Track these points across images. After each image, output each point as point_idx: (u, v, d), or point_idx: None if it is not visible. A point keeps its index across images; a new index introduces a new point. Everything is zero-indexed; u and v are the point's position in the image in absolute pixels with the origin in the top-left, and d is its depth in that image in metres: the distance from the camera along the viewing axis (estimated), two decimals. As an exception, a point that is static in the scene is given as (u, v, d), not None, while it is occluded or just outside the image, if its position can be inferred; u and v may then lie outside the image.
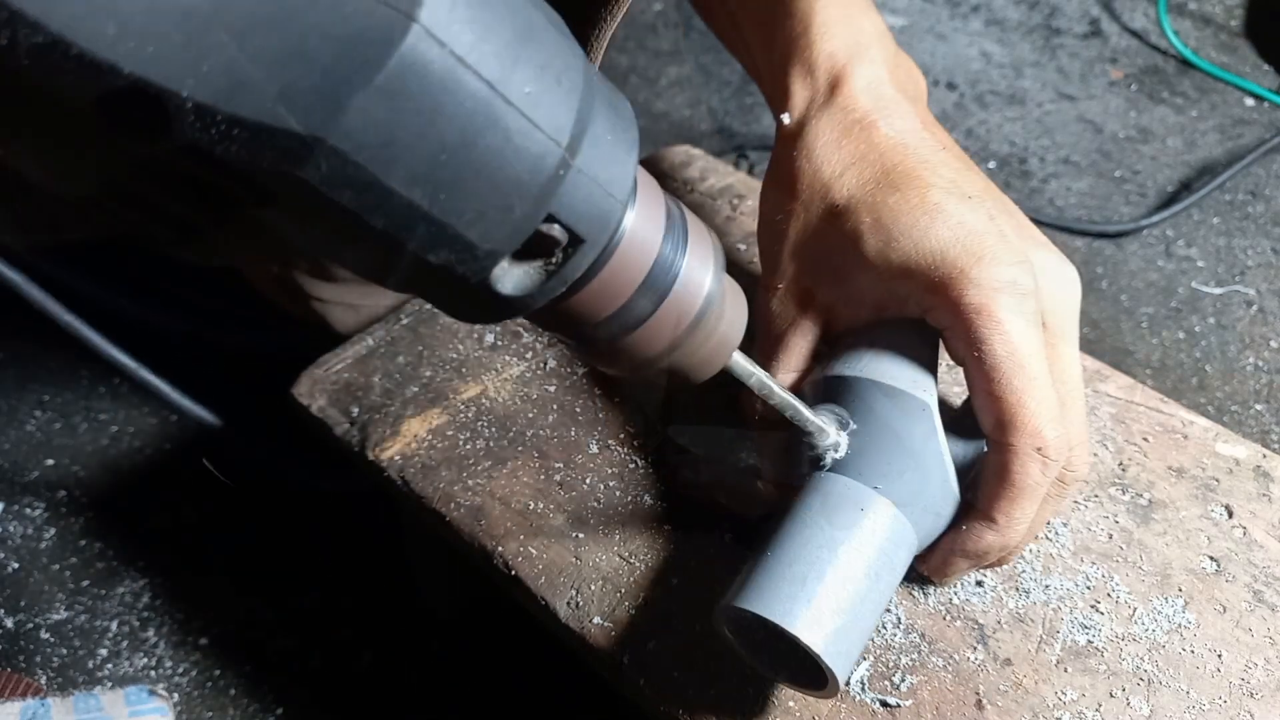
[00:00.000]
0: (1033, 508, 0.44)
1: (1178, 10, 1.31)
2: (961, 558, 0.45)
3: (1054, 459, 0.42)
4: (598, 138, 0.31)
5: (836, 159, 0.48)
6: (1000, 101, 1.19)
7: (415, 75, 0.26)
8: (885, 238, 0.45)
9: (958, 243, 0.43)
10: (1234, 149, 1.11)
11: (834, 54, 0.49)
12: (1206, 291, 0.96)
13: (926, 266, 0.44)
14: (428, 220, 0.28)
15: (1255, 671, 0.46)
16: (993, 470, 0.43)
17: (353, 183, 0.27)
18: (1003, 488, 0.43)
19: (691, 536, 0.52)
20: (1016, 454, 0.42)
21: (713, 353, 0.38)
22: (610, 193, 0.31)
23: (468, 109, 0.27)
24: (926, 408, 0.44)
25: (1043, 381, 0.42)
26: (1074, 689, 0.46)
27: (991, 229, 0.44)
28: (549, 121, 0.29)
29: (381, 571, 0.74)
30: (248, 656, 0.70)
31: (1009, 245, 0.44)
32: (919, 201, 0.45)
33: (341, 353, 0.62)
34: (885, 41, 0.51)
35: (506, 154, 0.28)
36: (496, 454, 0.56)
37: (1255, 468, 0.55)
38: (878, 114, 0.48)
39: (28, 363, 0.90)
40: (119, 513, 0.79)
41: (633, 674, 0.48)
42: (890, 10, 1.33)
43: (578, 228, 0.31)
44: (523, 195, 0.29)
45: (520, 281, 0.32)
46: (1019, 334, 0.42)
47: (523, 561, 0.52)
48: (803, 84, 0.50)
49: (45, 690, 0.67)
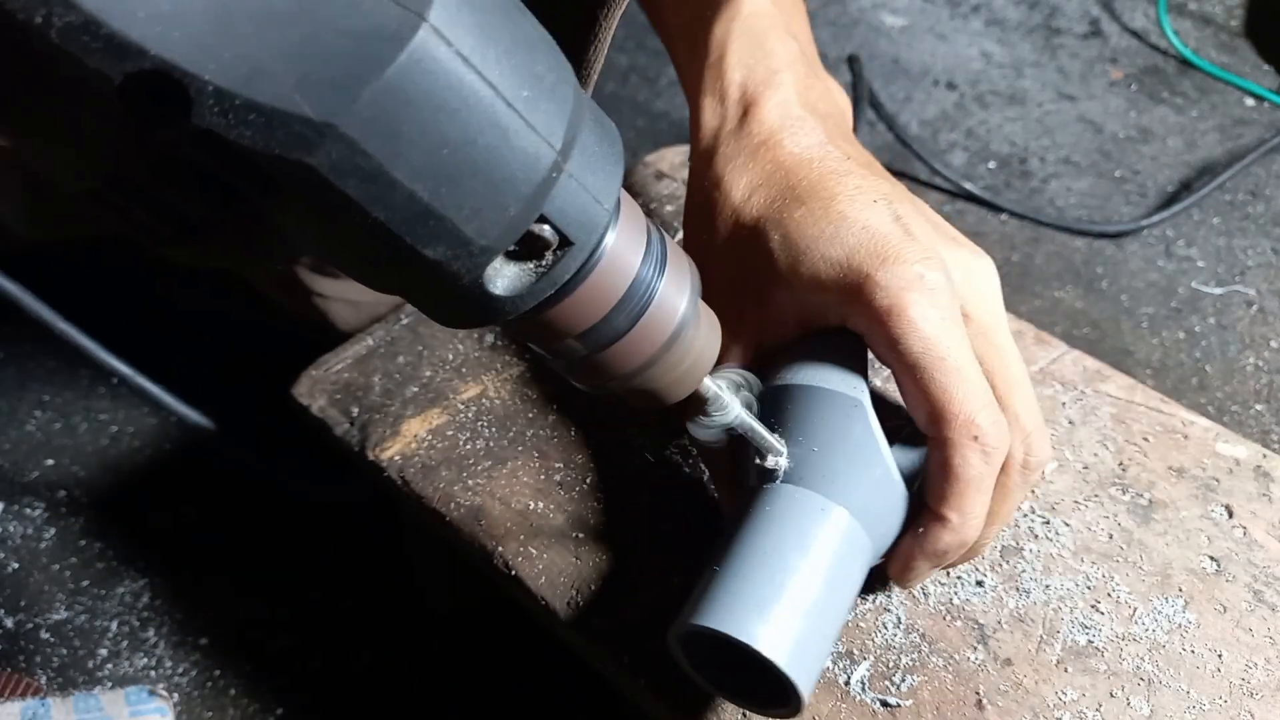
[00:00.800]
0: (982, 499, 0.43)
1: (1178, 10, 1.31)
2: (922, 559, 0.45)
3: (993, 445, 0.42)
4: (587, 148, 0.32)
5: (744, 182, 0.48)
6: (1000, 101, 1.19)
7: (423, 71, 0.27)
8: (794, 253, 0.45)
9: (862, 248, 0.44)
10: (1234, 149, 1.11)
11: (744, 82, 0.50)
12: (1206, 291, 0.96)
13: (836, 276, 0.44)
14: (428, 213, 0.29)
15: (1255, 671, 0.46)
16: (935, 467, 0.43)
17: (359, 171, 0.28)
18: (947, 483, 0.43)
19: (692, 536, 0.52)
20: (953, 446, 0.42)
21: (684, 375, 0.39)
22: (598, 200, 0.33)
23: (470, 107, 0.29)
24: (859, 404, 0.44)
25: (967, 371, 0.42)
26: (1074, 689, 0.46)
27: (895, 230, 0.44)
28: (544, 126, 0.30)
29: (381, 571, 0.74)
30: (248, 656, 0.70)
31: (914, 243, 0.44)
32: (823, 213, 0.45)
33: (341, 353, 0.62)
34: (797, 66, 0.51)
35: (504, 153, 0.30)
36: (496, 454, 0.56)
37: (1255, 468, 0.55)
38: (783, 133, 0.48)
39: (27, 363, 0.90)
40: (119, 513, 0.79)
41: (633, 674, 0.48)
42: (890, 10, 1.34)
43: (568, 230, 0.32)
44: (518, 194, 0.30)
45: (511, 282, 0.33)
46: (933, 327, 0.42)
47: (523, 561, 0.52)
48: (713, 112, 0.50)
49: (45, 690, 0.67)
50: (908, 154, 1.06)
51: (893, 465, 0.44)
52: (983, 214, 1.03)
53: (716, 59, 0.51)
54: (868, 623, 0.49)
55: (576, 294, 0.34)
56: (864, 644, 0.48)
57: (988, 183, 1.08)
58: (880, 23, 1.32)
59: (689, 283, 0.38)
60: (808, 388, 0.44)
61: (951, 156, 1.11)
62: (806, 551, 0.41)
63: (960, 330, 0.43)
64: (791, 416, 0.44)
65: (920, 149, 1.04)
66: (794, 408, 0.44)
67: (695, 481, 0.55)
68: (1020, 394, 0.45)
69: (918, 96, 1.20)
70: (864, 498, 0.43)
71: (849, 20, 1.32)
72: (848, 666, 0.47)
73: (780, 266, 0.46)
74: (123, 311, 0.89)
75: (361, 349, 0.62)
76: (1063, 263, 0.99)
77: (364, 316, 0.76)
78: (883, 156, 0.58)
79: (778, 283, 0.46)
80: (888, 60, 1.25)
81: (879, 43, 1.28)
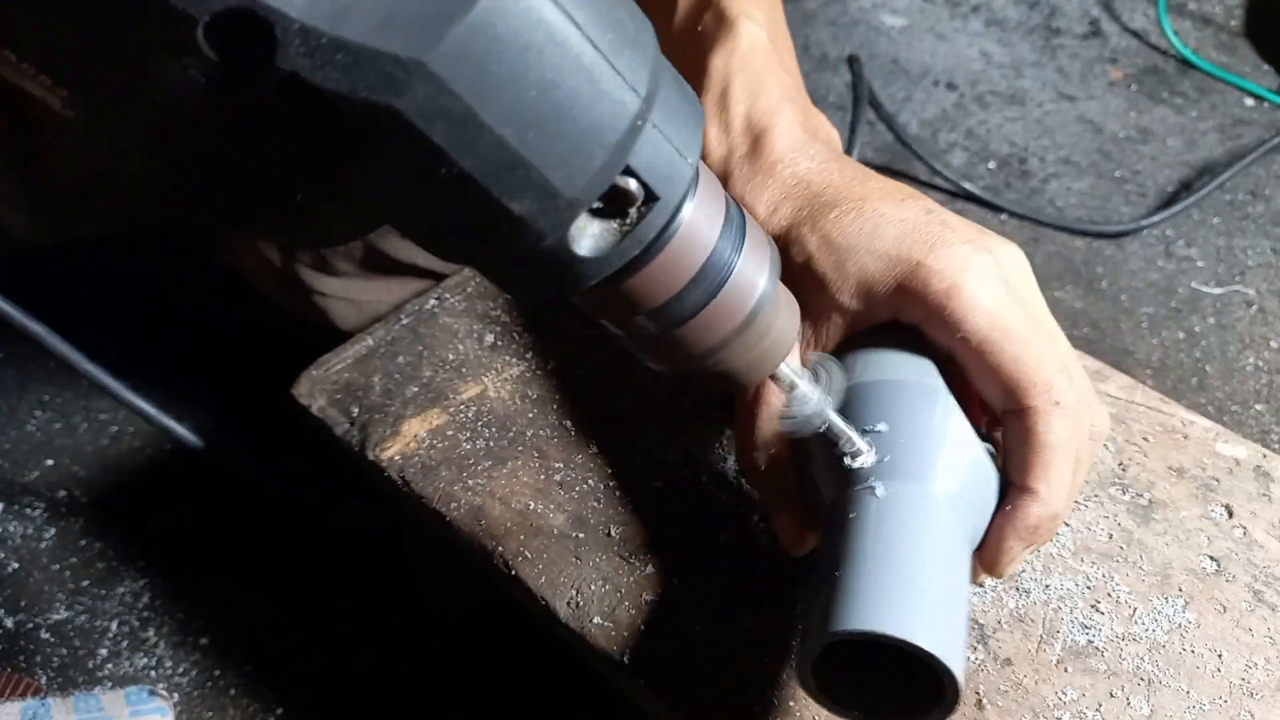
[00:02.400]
0: (1069, 467, 0.42)
1: (1178, 10, 1.31)
2: (1014, 540, 0.43)
3: (1076, 408, 0.42)
4: (669, 100, 0.31)
5: (766, 198, 0.48)
6: (1000, 101, 1.19)
7: (511, 9, 0.27)
8: (838, 253, 0.45)
9: (906, 238, 0.44)
10: (1234, 149, 1.11)
11: (749, 114, 0.51)
12: (1206, 291, 0.96)
13: (885, 269, 0.44)
14: (515, 161, 0.28)
15: (1255, 671, 0.46)
16: (1018, 440, 0.42)
17: (447, 114, 0.27)
18: (1034, 453, 0.42)
19: (692, 536, 0.52)
20: (1037, 413, 0.42)
21: (762, 357, 0.37)
22: (682, 154, 0.32)
23: (557, 47, 0.28)
24: (937, 390, 0.43)
25: (1034, 339, 0.42)
26: (1074, 689, 0.46)
27: (933, 220, 0.45)
28: (630, 72, 0.29)
29: (381, 571, 0.74)
30: (248, 656, 0.70)
31: (954, 230, 0.44)
32: (857, 213, 0.45)
33: (341, 353, 0.62)
34: (796, 100, 0.52)
35: (591, 97, 0.29)
36: (496, 454, 0.56)
37: (1255, 468, 0.55)
38: (796, 153, 0.49)
39: (27, 363, 0.90)
40: (119, 513, 0.79)
41: (633, 674, 0.48)
42: (890, 10, 1.34)
43: (653, 183, 0.31)
44: (604, 142, 0.29)
45: (596, 241, 0.32)
46: (993, 301, 0.42)
47: (523, 561, 0.52)
48: (720, 141, 0.51)
49: (45, 690, 0.67)
50: (908, 154, 1.06)
51: (980, 448, 0.43)
52: (983, 214, 1.03)
53: (720, 92, 0.51)
54: (868, 623, 0.49)
55: (654, 264, 0.33)
56: (864, 644, 0.48)
57: (987, 183, 1.08)
58: (880, 23, 1.32)
59: (768, 259, 0.37)
60: (880, 383, 0.44)
61: (951, 156, 1.11)
62: (926, 547, 0.39)
63: (1016, 303, 0.43)
64: (869, 415, 0.43)
65: (920, 149, 1.04)
66: (870, 405, 0.43)
67: (696, 482, 0.55)
68: (1073, 362, 0.44)
69: (918, 96, 1.20)
70: (962, 484, 0.42)
71: (849, 20, 1.32)
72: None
73: (822, 270, 0.46)
74: (123, 311, 0.90)
75: (361, 349, 0.62)
76: (1062, 263, 0.99)
77: (365, 316, 0.76)
78: (883, 156, 0.58)
79: (821, 288, 0.46)
80: (887, 60, 1.25)
81: (879, 43, 1.28)
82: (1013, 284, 0.45)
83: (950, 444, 0.43)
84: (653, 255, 0.33)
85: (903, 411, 0.43)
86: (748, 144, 0.50)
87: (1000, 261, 0.45)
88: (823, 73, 1.24)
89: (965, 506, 0.42)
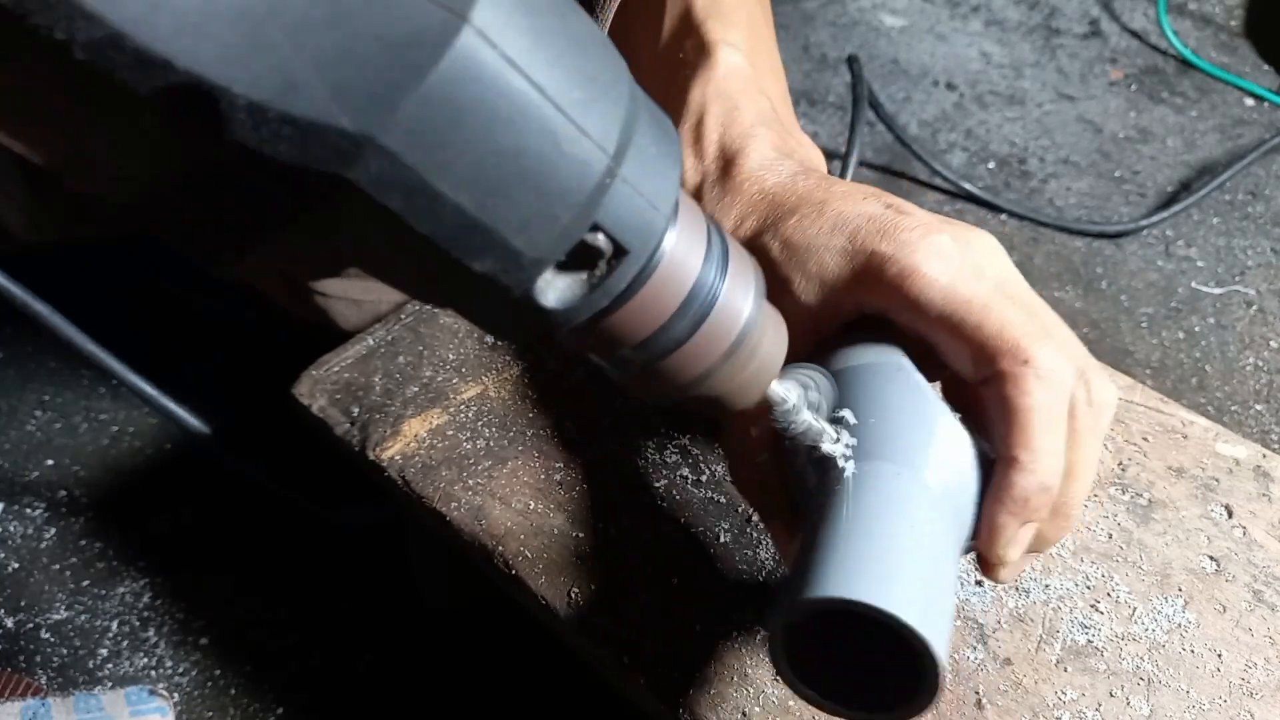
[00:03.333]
0: (1051, 434, 0.41)
1: (1178, 10, 1.31)
2: (1004, 515, 0.41)
3: (1048, 368, 0.41)
4: (642, 150, 0.31)
5: (733, 214, 0.49)
6: (1000, 102, 1.19)
7: (467, 77, 0.26)
8: (797, 255, 0.45)
9: (862, 230, 0.44)
10: (1234, 149, 1.11)
11: (720, 141, 0.51)
12: (1206, 291, 0.96)
13: (842, 263, 0.44)
14: (474, 226, 0.28)
15: (1255, 671, 0.46)
16: (994, 409, 0.42)
17: (401, 185, 0.26)
18: (1009, 418, 0.41)
19: (691, 536, 0.52)
20: (1007, 378, 0.41)
21: (750, 380, 0.37)
22: (654, 205, 0.31)
23: (518, 112, 0.27)
24: (900, 366, 0.43)
25: (996, 303, 0.41)
26: (1074, 689, 0.46)
27: (891, 211, 0.45)
28: (597, 130, 0.29)
29: (381, 571, 0.74)
30: (248, 656, 0.70)
31: (911, 216, 0.44)
32: (817, 214, 0.46)
33: (342, 353, 0.62)
34: (771, 124, 0.52)
35: (555, 159, 0.28)
36: (496, 454, 0.56)
37: (1255, 468, 0.55)
38: (764, 171, 0.49)
39: (28, 363, 0.90)
40: (119, 513, 0.79)
41: (633, 674, 0.48)
42: (890, 10, 1.34)
43: (622, 238, 0.31)
44: (569, 203, 0.29)
45: (563, 294, 0.31)
46: (949, 275, 0.42)
47: (523, 561, 0.52)
48: (694, 170, 0.51)
49: (45, 690, 0.67)
50: (907, 154, 1.06)
51: (950, 414, 0.42)
52: (982, 214, 1.03)
53: (695, 121, 0.52)
54: (868, 622, 0.49)
55: (633, 302, 0.33)
56: (864, 644, 0.48)
57: (987, 183, 1.08)
58: (880, 23, 1.32)
59: (753, 282, 0.36)
60: (845, 369, 0.44)
61: (951, 157, 1.11)
62: (899, 518, 0.38)
63: (977, 278, 0.43)
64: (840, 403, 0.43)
65: (920, 149, 1.04)
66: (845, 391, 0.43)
67: (696, 482, 0.55)
68: (1060, 331, 0.43)
69: (917, 97, 1.20)
70: (935, 457, 0.41)
71: (849, 20, 1.32)
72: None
73: (785, 274, 0.46)
74: (123, 311, 0.90)
75: (362, 349, 0.63)
76: (1062, 263, 0.99)
77: (366, 316, 0.76)
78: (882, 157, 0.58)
79: (785, 291, 0.46)
80: (887, 60, 1.25)
81: (879, 43, 1.28)
82: (981, 264, 0.44)
83: (918, 416, 0.42)
84: (628, 298, 0.33)
85: (869, 393, 0.43)
86: (719, 168, 0.51)
87: (963, 242, 0.44)
88: (823, 73, 1.24)
89: (941, 484, 0.40)
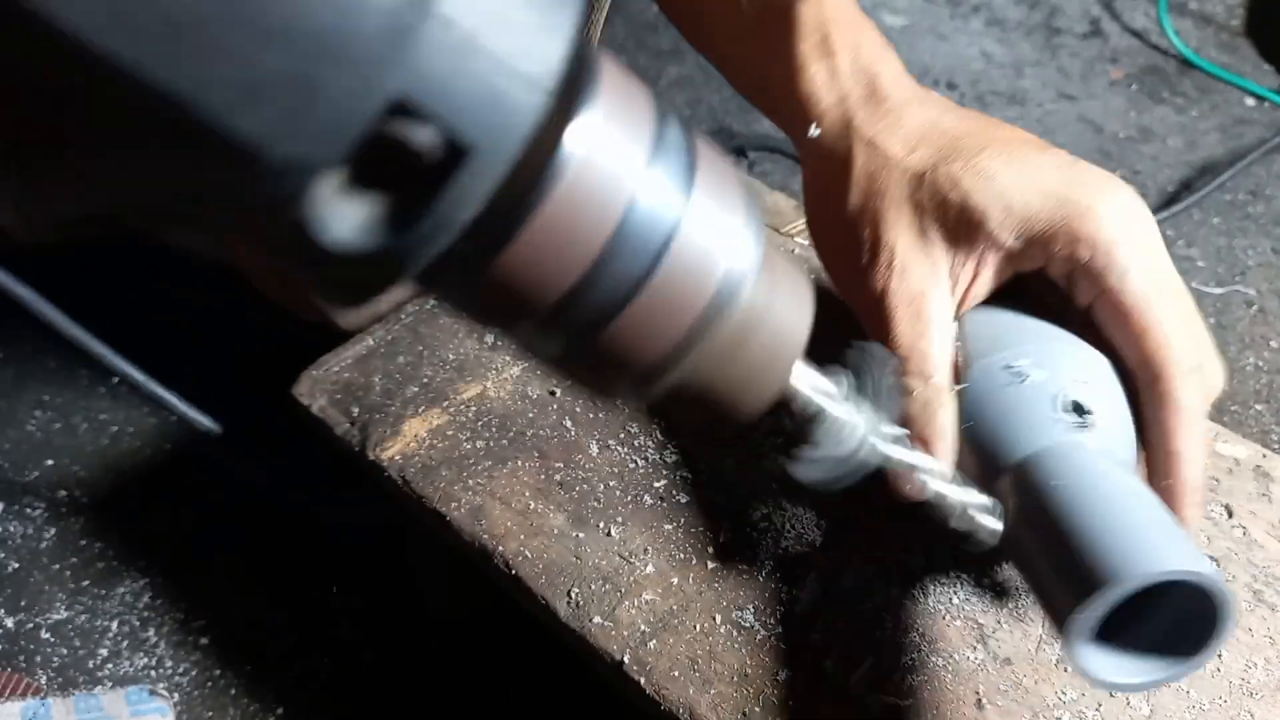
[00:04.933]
0: (1201, 433, 0.43)
1: (1178, 10, 1.31)
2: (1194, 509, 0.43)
3: (1203, 370, 0.42)
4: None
5: (901, 136, 0.48)
6: (1000, 101, 1.19)
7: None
8: (997, 189, 0.45)
9: (1075, 181, 0.44)
10: (1235, 149, 1.11)
11: (855, 59, 0.50)
12: (1206, 291, 0.96)
13: (1052, 208, 0.44)
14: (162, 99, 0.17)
15: (1255, 671, 0.46)
16: (1159, 404, 0.42)
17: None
18: (1176, 416, 0.42)
19: (691, 536, 0.52)
20: (1181, 379, 0.42)
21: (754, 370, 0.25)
22: (517, 66, 0.19)
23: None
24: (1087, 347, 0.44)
25: (1187, 303, 0.43)
26: (1074, 689, 0.46)
27: (1087, 168, 0.45)
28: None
29: (381, 572, 0.74)
30: (248, 656, 0.70)
31: (1112, 179, 0.44)
32: (1010, 155, 0.45)
33: (341, 353, 0.62)
34: (892, 51, 0.52)
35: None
36: (496, 454, 0.56)
37: (1255, 468, 0.55)
38: (919, 100, 0.49)
39: (27, 363, 0.90)
40: (119, 513, 0.79)
41: (633, 674, 0.48)
42: (890, 10, 1.33)
43: (459, 124, 0.19)
44: (336, 55, 0.17)
45: (360, 222, 0.19)
46: (1159, 259, 0.43)
47: (523, 561, 0.52)
48: (829, 90, 0.50)
49: (45, 690, 0.67)
50: (908, 154, 1.06)
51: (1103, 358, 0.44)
52: (983, 214, 1.03)
53: (819, 38, 0.51)
54: (867, 622, 0.49)
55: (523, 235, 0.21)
56: (864, 643, 0.48)
57: (988, 182, 1.07)
58: (880, 23, 1.31)
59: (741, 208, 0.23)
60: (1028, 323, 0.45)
61: (951, 156, 1.11)
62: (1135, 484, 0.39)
63: (1166, 270, 0.43)
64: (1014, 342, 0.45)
65: (920, 149, 1.03)
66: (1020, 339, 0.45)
67: (696, 482, 0.55)
68: (1199, 325, 0.44)
69: (918, 96, 1.20)
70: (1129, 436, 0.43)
71: (849, 20, 1.32)
72: (847, 666, 0.47)
73: (981, 205, 0.45)
74: (123, 311, 0.89)
75: (362, 349, 0.62)
76: (1063, 262, 0.99)
77: (365, 316, 0.76)
78: (883, 156, 0.59)
79: (980, 225, 0.45)
80: (888, 60, 1.25)
81: (879, 42, 1.28)
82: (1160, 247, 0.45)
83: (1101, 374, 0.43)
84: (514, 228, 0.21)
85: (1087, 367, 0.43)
86: (862, 88, 0.50)
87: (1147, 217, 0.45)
88: (823, 72, 1.24)
89: (1130, 437, 0.43)
